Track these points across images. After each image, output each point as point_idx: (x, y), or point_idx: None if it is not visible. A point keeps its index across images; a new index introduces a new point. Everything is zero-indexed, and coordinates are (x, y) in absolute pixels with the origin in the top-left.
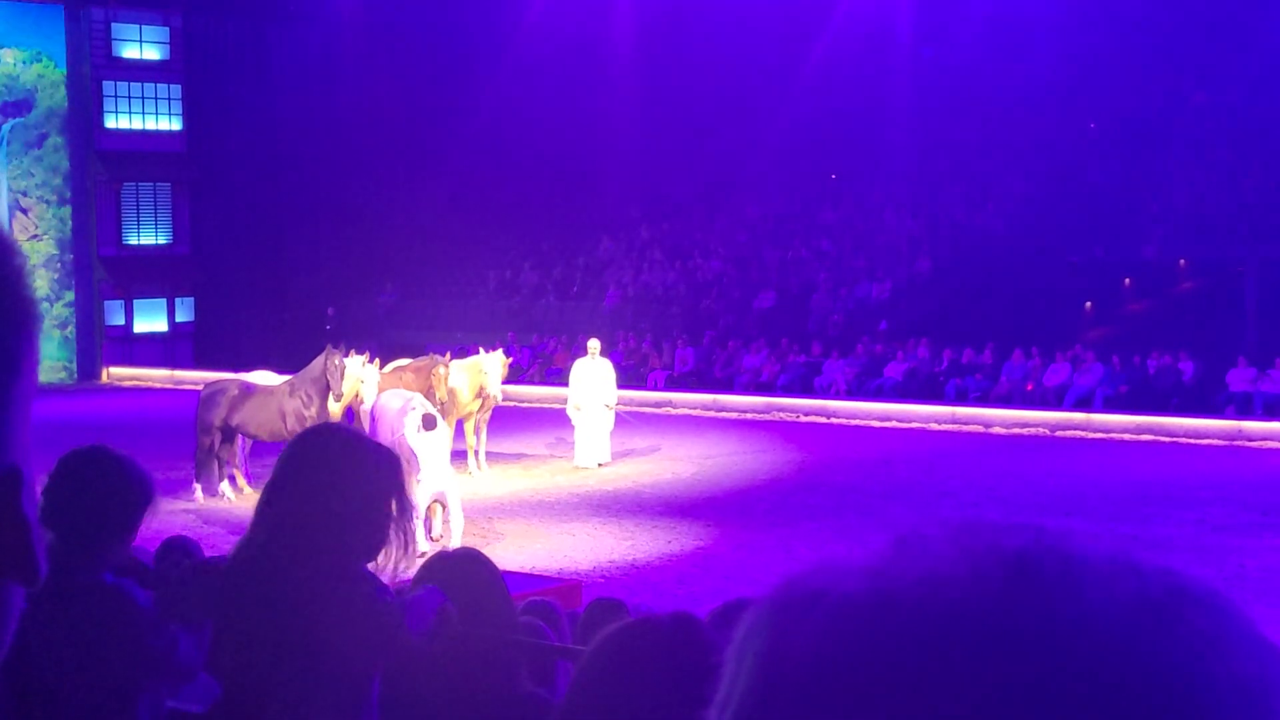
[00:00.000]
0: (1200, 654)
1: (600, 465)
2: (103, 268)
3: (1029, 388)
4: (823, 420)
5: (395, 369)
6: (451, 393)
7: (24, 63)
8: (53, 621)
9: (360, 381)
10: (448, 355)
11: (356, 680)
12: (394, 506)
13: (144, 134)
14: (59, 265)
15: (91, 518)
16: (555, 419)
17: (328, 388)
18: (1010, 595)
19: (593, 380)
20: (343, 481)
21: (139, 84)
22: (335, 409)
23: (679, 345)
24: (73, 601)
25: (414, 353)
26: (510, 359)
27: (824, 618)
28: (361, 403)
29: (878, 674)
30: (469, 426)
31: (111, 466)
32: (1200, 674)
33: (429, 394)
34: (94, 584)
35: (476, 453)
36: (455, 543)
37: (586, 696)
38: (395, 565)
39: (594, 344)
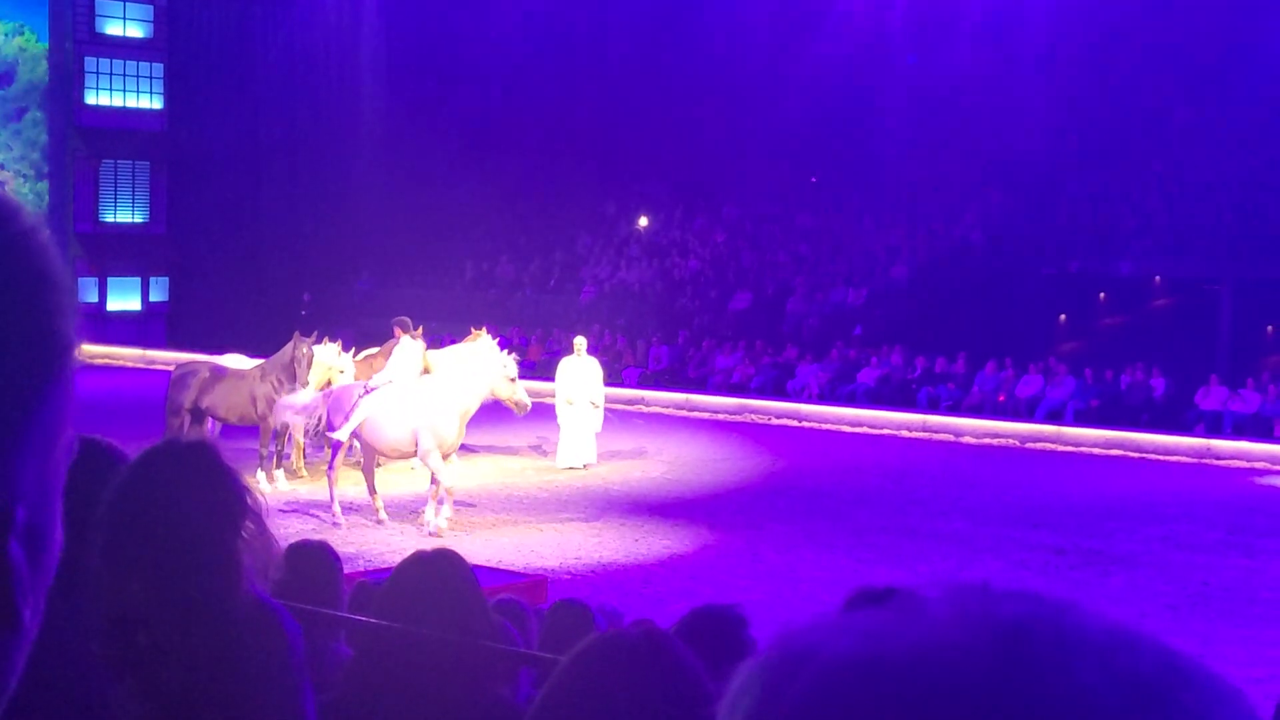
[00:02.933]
0: None
1: (586, 466)
2: (78, 244)
3: (1001, 398)
4: (794, 423)
5: (366, 357)
6: None
7: (6, 35)
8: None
9: (340, 371)
10: (420, 329)
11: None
12: (240, 515)
13: (124, 111)
14: None
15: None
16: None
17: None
18: (1001, 668)
19: (579, 379)
20: (184, 509)
21: (121, 61)
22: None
23: (653, 343)
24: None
25: (386, 340)
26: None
27: (813, 679)
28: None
29: None
30: None
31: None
32: None
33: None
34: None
35: None
36: (430, 519)
37: (556, 711)
38: (260, 574)
39: (580, 342)
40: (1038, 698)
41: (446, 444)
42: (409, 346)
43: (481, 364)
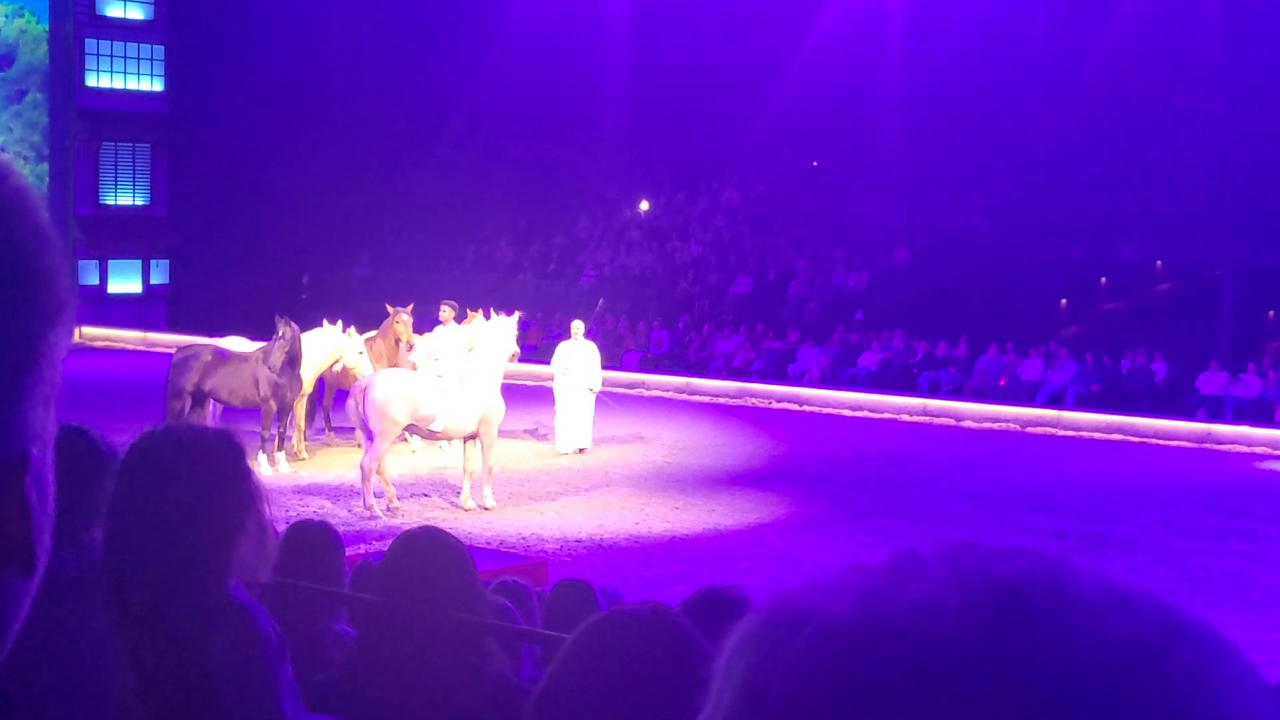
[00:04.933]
0: (1188, 694)
1: (580, 451)
2: (78, 227)
3: (1001, 383)
4: (795, 408)
5: (366, 340)
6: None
7: (6, 17)
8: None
9: (359, 351)
10: (410, 306)
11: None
12: (246, 510)
13: (125, 94)
14: None
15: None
16: (525, 395)
17: (298, 357)
18: (998, 627)
19: (575, 363)
20: (188, 492)
21: (121, 43)
22: (307, 379)
23: (654, 327)
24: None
25: (382, 324)
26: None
27: (811, 639)
28: (341, 366)
29: (861, 700)
30: None
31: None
32: (1187, 715)
33: (395, 346)
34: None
35: None
36: (482, 497)
37: (562, 688)
38: (254, 569)
39: (577, 325)
40: (1036, 657)
41: (501, 420)
42: (454, 329)
43: (502, 337)
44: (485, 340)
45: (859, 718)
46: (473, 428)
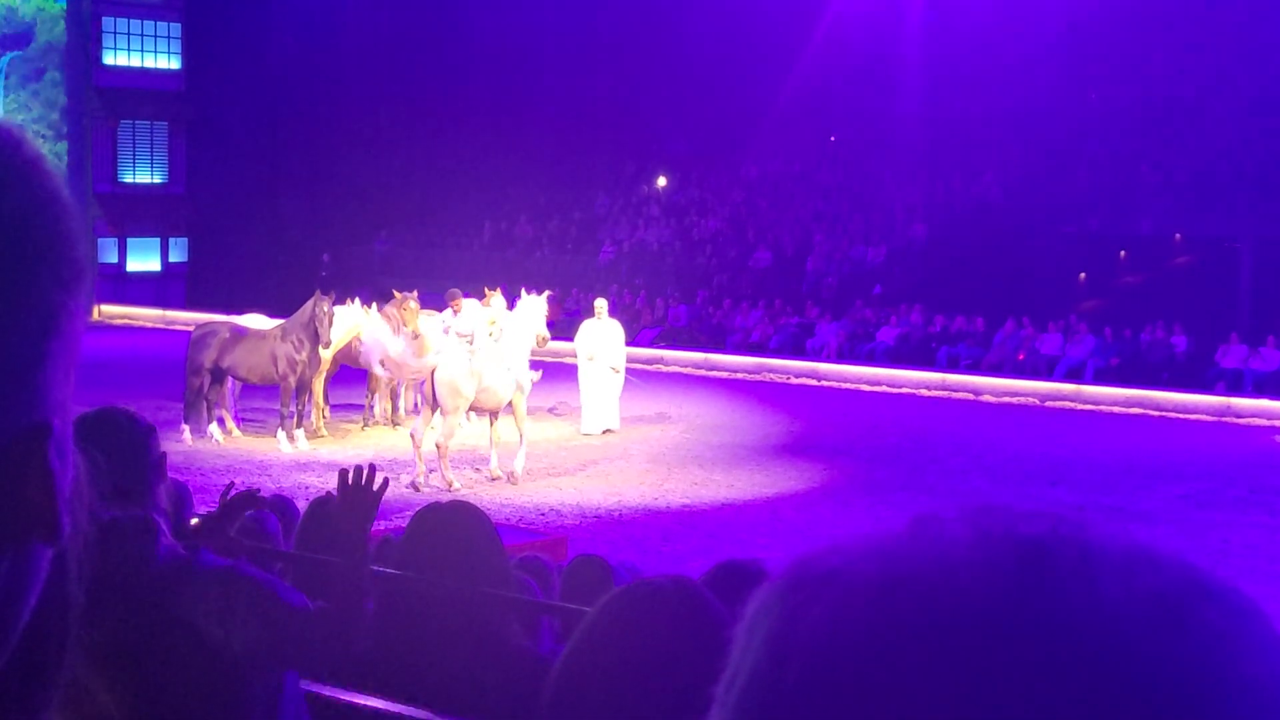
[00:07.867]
0: (1213, 653)
1: (606, 431)
2: (97, 205)
3: (1020, 357)
4: (813, 382)
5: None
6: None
7: None
8: None
9: (375, 331)
10: (414, 292)
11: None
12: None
13: (142, 72)
14: None
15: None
16: (546, 372)
17: (318, 334)
18: (1022, 585)
19: (600, 342)
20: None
21: (139, 21)
22: (326, 355)
23: (672, 302)
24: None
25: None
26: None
27: (835, 599)
28: (361, 345)
29: (885, 658)
30: None
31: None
32: (1211, 673)
33: (398, 331)
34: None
35: None
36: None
37: (585, 658)
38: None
39: (600, 304)
40: (1061, 614)
41: (528, 392)
42: (476, 308)
43: (532, 315)
44: (516, 318)
45: (883, 677)
46: (509, 399)
